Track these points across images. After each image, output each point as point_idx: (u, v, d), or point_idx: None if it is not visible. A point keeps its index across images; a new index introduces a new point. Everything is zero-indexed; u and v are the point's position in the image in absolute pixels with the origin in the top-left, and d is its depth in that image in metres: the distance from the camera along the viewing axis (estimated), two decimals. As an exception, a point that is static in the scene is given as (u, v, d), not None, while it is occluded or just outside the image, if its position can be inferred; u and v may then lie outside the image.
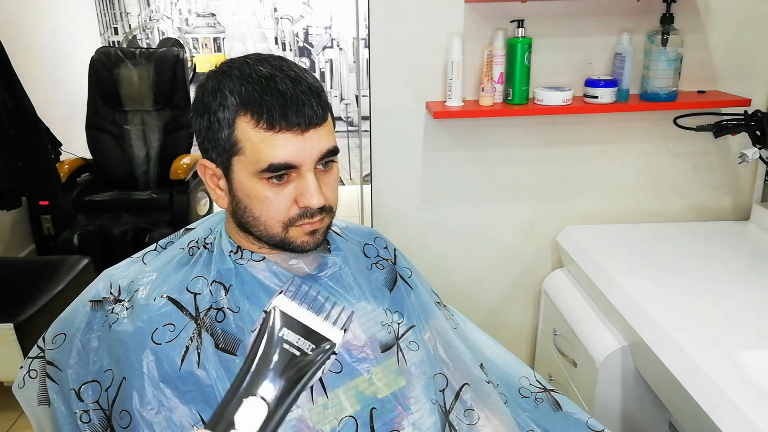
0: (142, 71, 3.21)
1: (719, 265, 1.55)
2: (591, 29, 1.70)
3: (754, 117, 1.56)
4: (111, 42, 4.32)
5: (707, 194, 1.87)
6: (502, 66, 1.67)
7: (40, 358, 0.87)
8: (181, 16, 4.40)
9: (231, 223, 0.87)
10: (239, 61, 0.79)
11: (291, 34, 4.41)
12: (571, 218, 1.88)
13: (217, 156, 0.81)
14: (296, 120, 0.75)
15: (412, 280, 1.01)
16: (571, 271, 1.80)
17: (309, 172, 0.78)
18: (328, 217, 0.84)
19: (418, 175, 1.82)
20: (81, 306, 0.87)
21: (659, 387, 1.33)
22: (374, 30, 1.69)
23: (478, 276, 1.95)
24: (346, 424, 0.81)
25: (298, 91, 0.76)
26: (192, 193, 3.14)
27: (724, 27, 1.70)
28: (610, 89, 1.64)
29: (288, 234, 0.81)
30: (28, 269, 2.30)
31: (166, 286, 0.84)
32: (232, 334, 0.81)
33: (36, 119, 2.37)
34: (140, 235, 2.87)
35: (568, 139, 1.80)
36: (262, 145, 0.76)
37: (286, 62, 0.80)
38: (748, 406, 1.01)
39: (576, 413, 1.03)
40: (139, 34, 4.42)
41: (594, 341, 1.50)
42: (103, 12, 4.28)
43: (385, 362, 0.87)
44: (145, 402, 0.77)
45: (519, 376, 1.06)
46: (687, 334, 1.23)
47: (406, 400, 0.86)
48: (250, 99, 0.75)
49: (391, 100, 1.75)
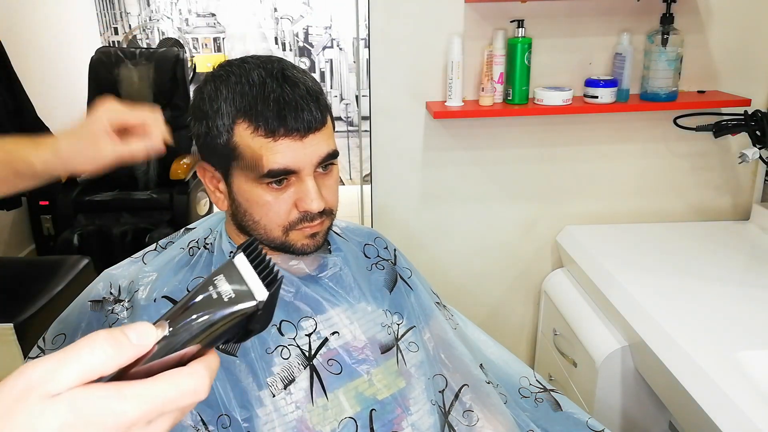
0: (142, 71, 3.21)
1: (719, 265, 1.55)
2: (591, 29, 1.70)
3: (754, 117, 1.56)
4: (111, 42, 4.32)
5: (707, 194, 1.87)
6: (502, 66, 1.67)
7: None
8: (181, 16, 4.40)
9: (231, 224, 0.87)
10: (236, 65, 0.79)
11: (291, 34, 4.41)
12: (571, 218, 1.88)
13: (216, 160, 0.81)
14: (295, 126, 0.75)
15: (412, 280, 1.01)
16: (571, 271, 1.80)
17: (309, 177, 0.78)
18: (328, 219, 0.84)
19: (418, 175, 1.82)
20: (81, 306, 0.87)
21: (659, 387, 1.33)
22: (374, 30, 1.69)
23: (478, 276, 1.95)
24: (346, 426, 0.81)
25: (297, 96, 0.75)
26: (192, 193, 3.14)
27: (724, 27, 1.70)
28: (610, 89, 1.64)
29: (288, 237, 0.81)
30: (28, 269, 2.30)
31: (167, 287, 0.83)
32: (232, 334, 0.81)
33: (36, 119, 2.38)
34: (140, 235, 2.86)
35: (568, 139, 1.80)
36: (261, 151, 0.75)
37: (284, 64, 0.79)
38: (748, 406, 1.01)
39: (576, 413, 1.03)
40: (139, 34, 4.42)
41: (594, 341, 1.50)
42: (103, 12, 4.28)
43: (385, 363, 0.87)
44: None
45: (519, 376, 1.06)
46: (687, 334, 1.22)
47: (405, 401, 0.86)
48: (247, 107, 0.75)
49: (391, 100, 1.75)
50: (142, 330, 0.37)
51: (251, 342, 0.80)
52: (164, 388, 0.35)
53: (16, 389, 0.33)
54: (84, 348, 0.34)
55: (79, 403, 0.33)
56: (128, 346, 0.36)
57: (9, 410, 0.32)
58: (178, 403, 0.36)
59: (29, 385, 0.33)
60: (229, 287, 0.40)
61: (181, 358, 0.38)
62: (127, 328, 0.36)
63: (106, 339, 0.35)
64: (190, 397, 0.36)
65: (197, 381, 0.36)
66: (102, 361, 0.34)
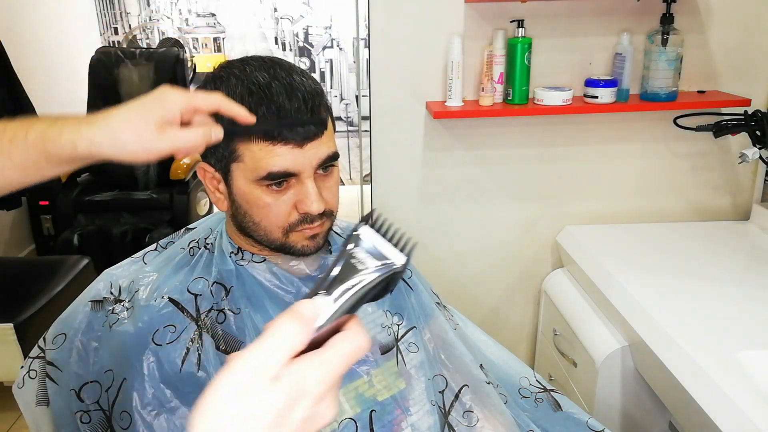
0: (142, 71, 3.21)
1: (719, 265, 1.55)
2: (591, 29, 1.70)
3: (754, 117, 1.56)
4: (111, 42, 4.32)
5: (707, 194, 1.87)
6: (502, 66, 1.67)
7: (40, 358, 0.87)
8: (181, 16, 4.40)
9: (231, 224, 0.87)
10: (237, 66, 0.79)
11: (291, 34, 4.41)
12: (571, 218, 1.88)
13: (216, 161, 0.81)
14: (293, 136, 0.75)
15: (413, 280, 1.01)
16: (571, 271, 1.80)
17: (309, 179, 0.78)
18: (328, 220, 0.84)
19: (418, 175, 1.82)
20: (81, 306, 0.87)
21: (659, 387, 1.33)
22: (374, 30, 1.69)
23: (478, 276, 1.95)
24: (346, 426, 0.81)
25: (292, 107, 0.75)
26: (192, 193, 3.14)
27: (724, 27, 1.70)
28: (610, 89, 1.64)
29: (288, 239, 0.81)
30: (28, 269, 2.30)
31: (167, 287, 0.83)
32: (233, 335, 0.81)
33: (36, 119, 2.37)
34: (140, 235, 2.86)
35: (568, 139, 1.80)
36: (260, 154, 0.75)
37: (285, 68, 0.78)
38: (748, 406, 1.01)
39: (576, 413, 1.03)
40: (139, 34, 4.42)
41: (594, 341, 1.50)
42: (103, 12, 4.28)
43: (385, 364, 0.87)
44: (146, 403, 0.77)
45: (519, 376, 1.06)
46: (687, 334, 1.23)
47: (405, 402, 0.86)
48: (247, 110, 0.75)
49: (391, 100, 1.75)
50: (314, 305, 0.42)
51: (251, 342, 0.80)
52: (344, 351, 0.41)
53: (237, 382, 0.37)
54: (277, 333, 0.39)
55: (296, 378, 0.38)
56: (308, 320, 0.41)
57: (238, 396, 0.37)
58: (352, 363, 0.42)
59: (247, 377, 0.38)
60: (371, 257, 0.45)
61: (338, 325, 0.43)
62: (300, 306, 0.41)
63: (291, 319, 0.40)
64: (361, 354, 0.42)
65: (364, 340, 0.42)
66: (295, 339, 0.39)
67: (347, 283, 0.44)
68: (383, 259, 0.45)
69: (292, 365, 0.39)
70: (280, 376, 0.38)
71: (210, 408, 0.37)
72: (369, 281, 0.44)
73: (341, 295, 0.43)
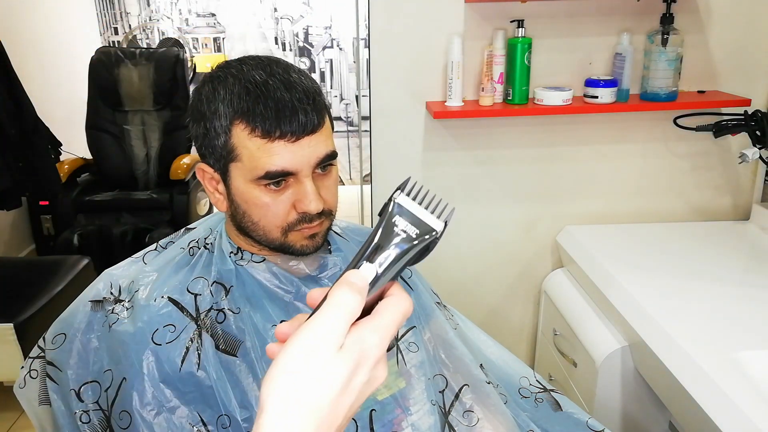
0: (142, 71, 3.21)
1: (719, 265, 1.55)
2: (591, 29, 1.70)
3: (754, 117, 1.56)
4: (111, 42, 4.32)
5: (707, 194, 1.87)
6: (502, 66, 1.67)
7: (40, 358, 0.87)
8: (181, 16, 4.40)
9: (230, 225, 0.87)
10: (235, 66, 0.79)
11: (291, 34, 4.41)
12: (571, 218, 1.88)
13: (214, 162, 0.81)
14: (290, 128, 0.75)
15: (413, 280, 1.01)
16: (571, 271, 1.80)
17: (307, 178, 0.77)
18: (327, 220, 0.84)
19: (418, 175, 1.82)
20: (81, 306, 0.87)
21: (659, 387, 1.33)
22: (374, 30, 1.69)
23: (478, 276, 1.95)
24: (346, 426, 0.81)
25: (292, 98, 0.75)
26: (192, 193, 3.14)
27: (724, 27, 1.70)
28: (610, 89, 1.64)
29: (287, 238, 0.81)
30: (28, 269, 2.30)
31: (167, 287, 0.83)
32: (233, 335, 0.81)
33: (36, 119, 2.37)
34: (140, 235, 2.87)
35: (568, 139, 1.80)
36: (258, 152, 0.75)
37: (282, 66, 0.78)
38: (748, 406, 1.01)
39: (576, 413, 1.03)
40: (139, 34, 4.42)
41: (594, 341, 1.50)
42: (103, 12, 4.28)
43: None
44: (145, 403, 0.77)
45: (519, 376, 1.06)
46: (687, 334, 1.23)
47: (405, 402, 0.86)
48: (245, 108, 0.75)
49: (391, 100, 1.75)
50: (362, 274, 0.44)
51: (251, 342, 0.81)
52: (395, 316, 0.44)
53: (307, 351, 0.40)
54: (338, 303, 0.42)
55: (359, 346, 0.41)
56: (361, 289, 0.43)
57: (308, 363, 0.39)
58: (401, 326, 0.45)
59: (317, 346, 0.40)
60: (409, 224, 0.47)
61: (383, 292, 0.46)
62: (350, 275, 0.44)
63: (348, 290, 0.42)
64: (407, 317, 0.45)
65: (409, 303, 0.45)
66: (353, 307, 0.42)
67: (388, 250, 0.46)
68: (421, 225, 0.47)
69: (353, 333, 0.42)
70: (345, 345, 0.41)
71: (282, 371, 0.39)
72: (408, 247, 0.46)
73: (384, 262, 0.45)
